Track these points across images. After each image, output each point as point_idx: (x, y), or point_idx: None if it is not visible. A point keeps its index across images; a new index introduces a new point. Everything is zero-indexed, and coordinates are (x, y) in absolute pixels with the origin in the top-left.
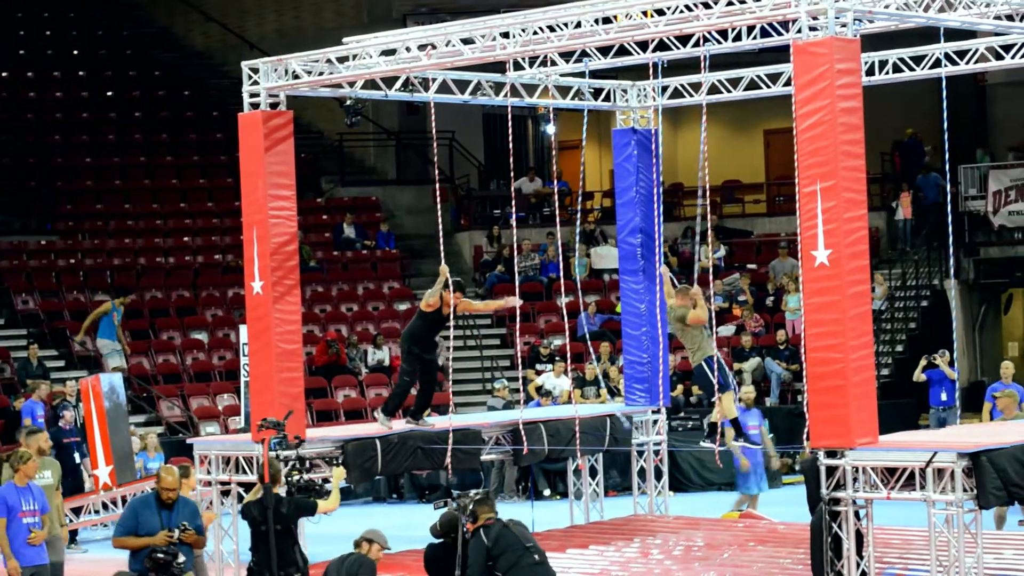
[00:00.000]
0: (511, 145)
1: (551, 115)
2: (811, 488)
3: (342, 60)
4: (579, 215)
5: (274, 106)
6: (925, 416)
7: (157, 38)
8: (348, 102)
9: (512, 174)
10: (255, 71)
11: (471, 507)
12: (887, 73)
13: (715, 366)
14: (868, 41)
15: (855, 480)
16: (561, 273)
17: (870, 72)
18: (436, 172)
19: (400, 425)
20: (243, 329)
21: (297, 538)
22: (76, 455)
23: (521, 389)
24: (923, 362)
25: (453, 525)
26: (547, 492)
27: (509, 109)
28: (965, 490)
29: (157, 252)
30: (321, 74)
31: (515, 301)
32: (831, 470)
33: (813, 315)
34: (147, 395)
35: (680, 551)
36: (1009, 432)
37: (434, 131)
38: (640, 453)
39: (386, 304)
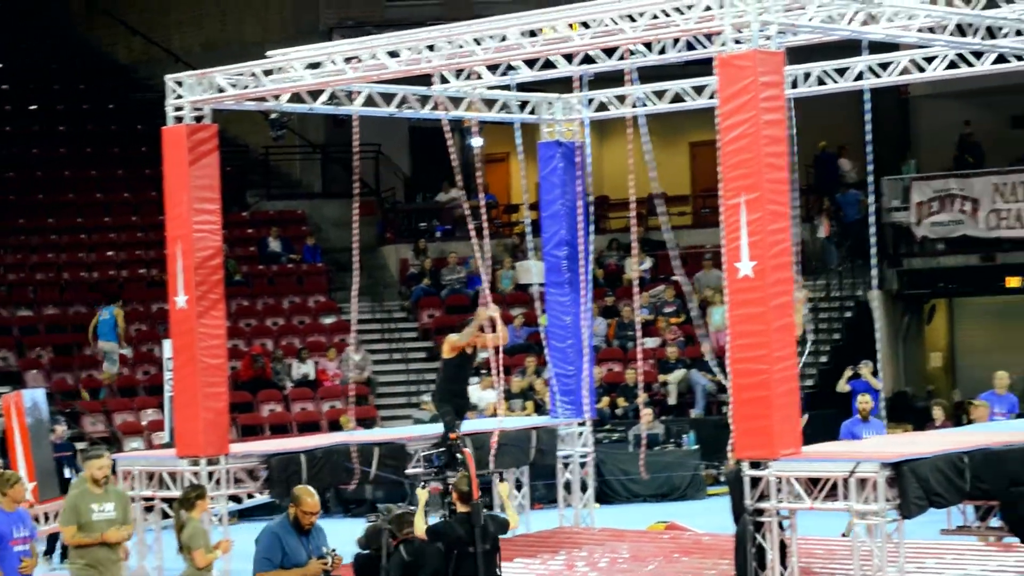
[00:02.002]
0: (453, 157)
1: (477, 128)
2: (735, 499)
3: (267, 73)
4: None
5: (198, 120)
6: None
7: (81, 51)
8: (273, 115)
9: (466, 188)
10: (179, 84)
11: (391, 523)
12: (811, 85)
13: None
14: (792, 54)
15: (779, 491)
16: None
17: (794, 85)
18: (357, 185)
19: (329, 439)
20: (167, 344)
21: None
22: (67, 469)
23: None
24: (847, 373)
25: (377, 537)
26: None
27: (445, 123)
28: (888, 500)
29: (81, 266)
30: (246, 87)
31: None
32: (755, 481)
33: (738, 326)
34: (70, 411)
35: (605, 563)
36: (931, 442)
37: (357, 144)
38: (566, 465)
39: (312, 318)
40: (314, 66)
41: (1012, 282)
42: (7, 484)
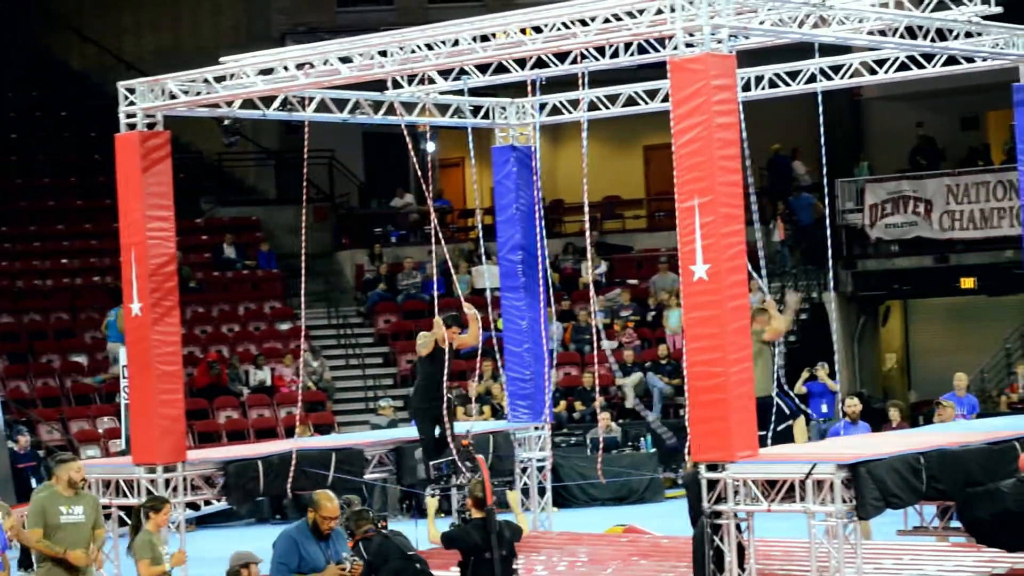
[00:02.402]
0: (415, 160)
1: (431, 133)
2: (693, 501)
3: (219, 80)
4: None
5: (151, 126)
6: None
7: (34, 58)
8: (226, 122)
9: (431, 193)
10: (131, 91)
11: (348, 522)
12: (763, 88)
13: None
14: (744, 57)
15: (736, 493)
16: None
17: (746, 88)
18: (306, 191)
19: (288, 445)
20: (122, 351)
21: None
22: (33, 480)
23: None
24: (805, 374)
25: None
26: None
27: (403, 128)
28: (844, 501)
29: (35, 274)
30: (199, 94)
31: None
32: (712, 483)
33: (693, 329)
34: (26, 419)
35: (564, 567)
36: (887, 443)
37: (306, 151)
38: (524, 470)
39: (267, 324)
40: (266, 72)
41: (966, 283)
42: None
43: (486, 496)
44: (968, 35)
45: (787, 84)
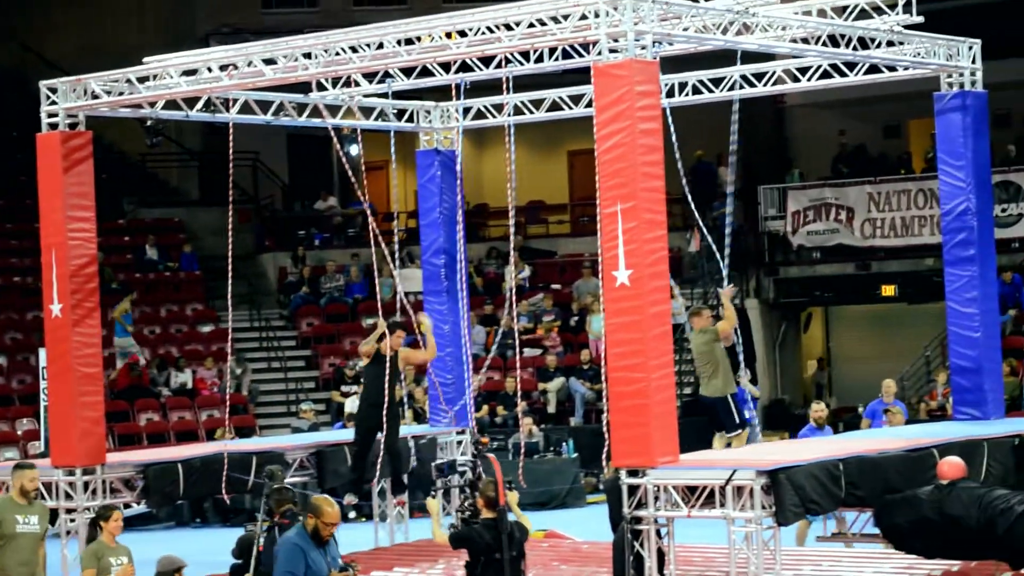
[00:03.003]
0: (346, 163)
1: (357, 136)
2: (613, 507)
3: (142, 80)
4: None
5: (73, 126)
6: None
7: None
8: (149, 122)
9: (367, 196)
10: (53, 91)
11: (267, 498)
12: (687, 95)
13: (741, 400)
14: (669, 63)
15: (656, 499)
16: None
17: (670, 94)
18: (231, 194)
19: (211, 447)
20: (43, 352)
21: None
22: None
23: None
24: None
25: (248, 547)
26: (352, 514)
27: (332, 131)
28: (764, 507)
29: None
30: (121, 94)
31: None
32: (633, 489)
33: (614, 335)
34: None
35: None
36: (807, 449)
37: (231, 152)
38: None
39: (189, 326)
40: (190, 73)
41: (887, 290)
42: None
43: (498, 495)
44: (890, 44)
45: (710, 91)
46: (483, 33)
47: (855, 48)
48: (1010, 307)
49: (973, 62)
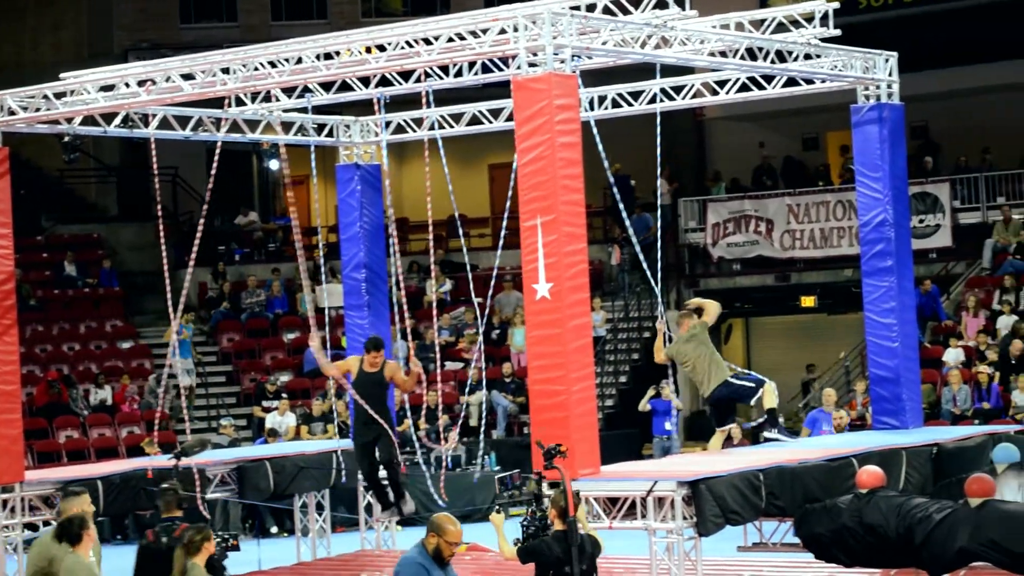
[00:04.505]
0: (286, 175)
1: (277, 150)
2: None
3: (60, 96)
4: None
5: None
6: (649, 446)
7: None
8: (67, 138)
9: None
10: None
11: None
12: (606, 108)
13: (740, 375)
14: (589, 77)
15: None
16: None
17: (590, 107)
18: (156, 209)
19: (128, 465)
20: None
21: None
22: None
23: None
24: (650, 392)
25: (153, 554)
26: (274, 529)
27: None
28: (685, 518)
29: None
30: (38, 110)
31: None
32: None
33: (535, 348)
34: None
35: None
36: (727, 461)
37: (155, 167)
38: (367, 488)
39: (108, 343)
40: (108, 89)
41: (807, 301)
42: None
43: (568, 506)
44: (807, 57)
45: (630, 104)
46: (402, 48)
47: (773, 61)
48: (928, 317)
49: (890, 74)
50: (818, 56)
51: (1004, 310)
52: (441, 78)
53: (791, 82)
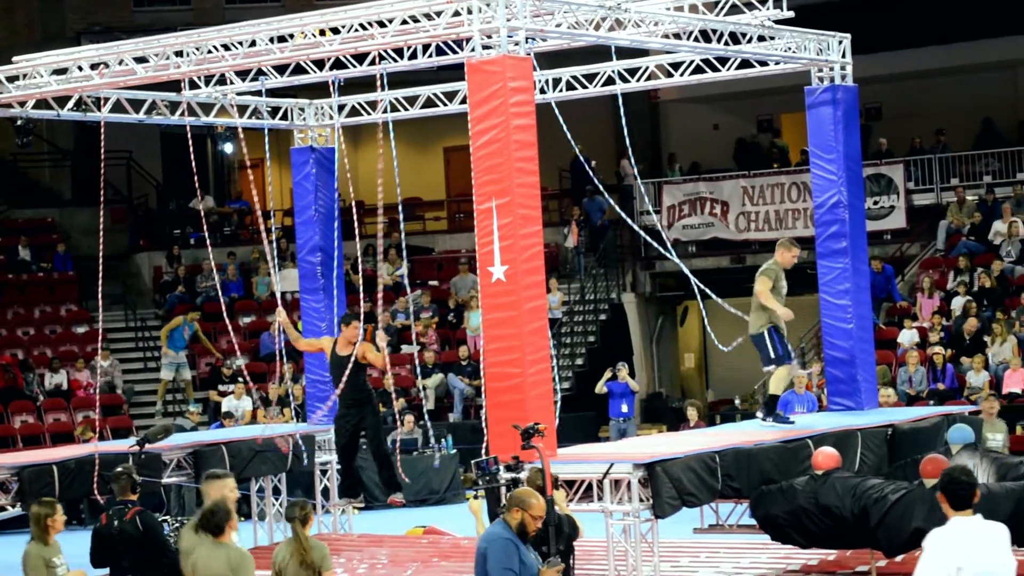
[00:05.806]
0: (253, 163)
1: (231, 134)
2: (491, 502)
3: (12, 79)
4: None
5: None
6: (605, 428)
7: None
8: (19, 122)
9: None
10: None
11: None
12: (561, 91)
13: (777, 336)
14: (545, 59)
15: None
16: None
17: (544, 90)
18: (103, 192)
19: (83, 450)
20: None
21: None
22: None
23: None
24: (607, 374)
25: (106, 539)
26: None
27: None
28: (641, 500)
29: None
30: None
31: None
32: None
33: (491, 330)
34: None
35: (364, 569)
36: (684, 442)
37: (103, 151)
38: (323, 472)
39: (63, 327)
40: (60, 72)
41: None
42: None
43: (546, 485)
44: (761, 39)
45: (585, 87)
46: (356, 30)
47: (727, 43)
48: (883, 299)
49: (843, 56)
50: (772, 38)
51: (959, 291)
52: (395, 61)
53: (745, 64)
